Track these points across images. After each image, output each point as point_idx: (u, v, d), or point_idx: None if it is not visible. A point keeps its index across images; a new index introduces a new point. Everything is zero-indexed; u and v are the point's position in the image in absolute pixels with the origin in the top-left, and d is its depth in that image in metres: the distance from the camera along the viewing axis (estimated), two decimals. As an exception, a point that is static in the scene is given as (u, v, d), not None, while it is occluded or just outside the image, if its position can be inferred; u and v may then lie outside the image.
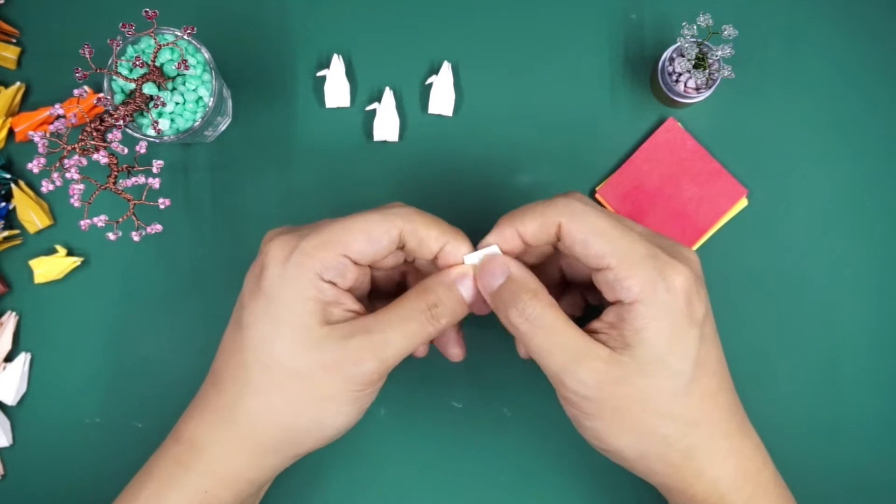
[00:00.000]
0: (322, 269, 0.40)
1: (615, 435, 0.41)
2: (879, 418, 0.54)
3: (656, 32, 0.56)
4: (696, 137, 0.55)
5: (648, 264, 0.39)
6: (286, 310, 0.40)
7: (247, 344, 0.40)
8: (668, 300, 0.39)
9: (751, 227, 0.55)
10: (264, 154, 0.56)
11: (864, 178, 0.55)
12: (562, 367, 0.40)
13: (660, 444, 0.41)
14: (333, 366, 0.40)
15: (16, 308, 0.55)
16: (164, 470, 0.43)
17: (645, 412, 0.40)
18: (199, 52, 0.49)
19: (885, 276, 0.55)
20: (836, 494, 0.54)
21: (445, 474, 0.54)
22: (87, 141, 0.46)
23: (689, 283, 0.40)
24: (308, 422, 0.41)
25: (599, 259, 0.40)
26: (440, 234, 0.42)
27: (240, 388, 0.41)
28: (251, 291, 0.41)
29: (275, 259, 0.40)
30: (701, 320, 0.40)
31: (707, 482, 0.42)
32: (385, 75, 0.56)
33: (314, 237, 0.40)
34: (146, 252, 0.55)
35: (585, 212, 0.41)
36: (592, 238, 0.40)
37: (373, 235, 0.41)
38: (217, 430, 0.42)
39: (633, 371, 0.39)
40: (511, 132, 0.56)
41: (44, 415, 0.55)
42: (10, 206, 0.55)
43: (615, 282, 0.40)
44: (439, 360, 0.51)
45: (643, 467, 0.42)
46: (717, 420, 0.41)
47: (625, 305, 0.40)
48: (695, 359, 0.40)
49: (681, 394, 0.40)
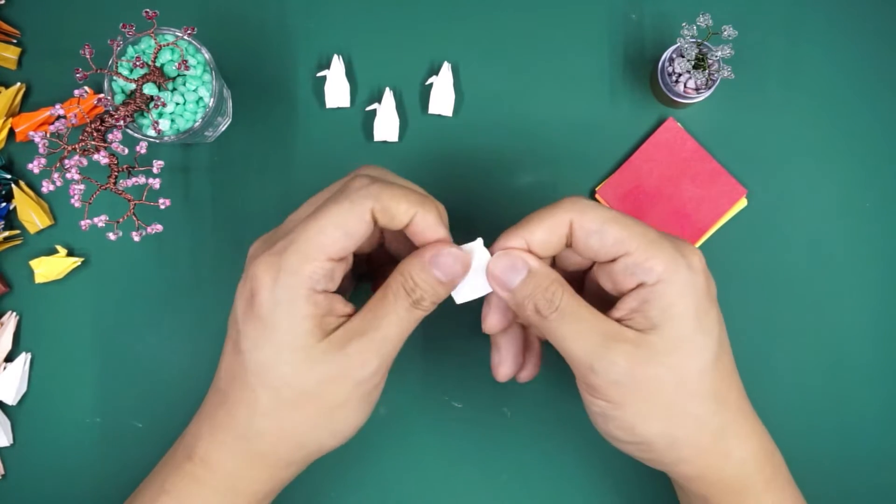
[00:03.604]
0: (312, 282, 0.39)
1: (647, 422, 0.40)
2: (881, 417, 0.54)
3: (656, 33, 0.56)
4: (696, 137, 0.55)
5: (668, 244, 0.40)
6: (285, 334, 0.39)
7: (250, 368, 0.40)
8: (690, 278, 0.40)
9: (751, 226, 0.55)
10: (264, 154, 0.56)
11: (864, 177, 0.55)
12: (591, 351, 0.40)
13: (691, 426, 0.41)
14: (340, 376, 0.40)
15: (16, 308, 0.55)
16: (180, 487, 0.42)
17: (676, 392, 0.40)
18: (200, 53, 0.49)
19: (886, 276, 0.55)
20: (837, 493, 0.54)
21: (445, 474, 0.54)
22: (87, 141, 0.46)
23: (704, 263, 0.41)
24: (323, 432, 0.41)
25: (619, 245, 0.40)
26: (409, 206, 0.41)
27: (250, 410, 0.40)
28: (245, 316, 0.40)
29: (263, 284, 0.39)
30: (715, 299, 0.41)
31: (735, 464, 0.42)
32: (385, 75, 0.56)
33: (294, 251, 0.39)
34: (146, 252, 0.55)
35: (593, 205, 0.41)
36: (608, 226, 0.40)
37: (349, 229, 0.39)
38: (232, 450, 0.41)
39: (662, 350, 0.39)
40: (511, 132, 0.56)
41: (44, 415, 0.55)
42: (10, 207, 0.55)
43: (635, 266, 0.40)
44: (439, 360, 0.51)
45: (672, 456, 0.42)
46: (738, 398, 0.42)
47: (647, 287, 0.40)
48: (718, 336, 0.41)
49: (709, 370, 0.40)
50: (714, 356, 0.40)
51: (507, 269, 0.41)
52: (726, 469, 0.42)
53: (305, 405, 0.40)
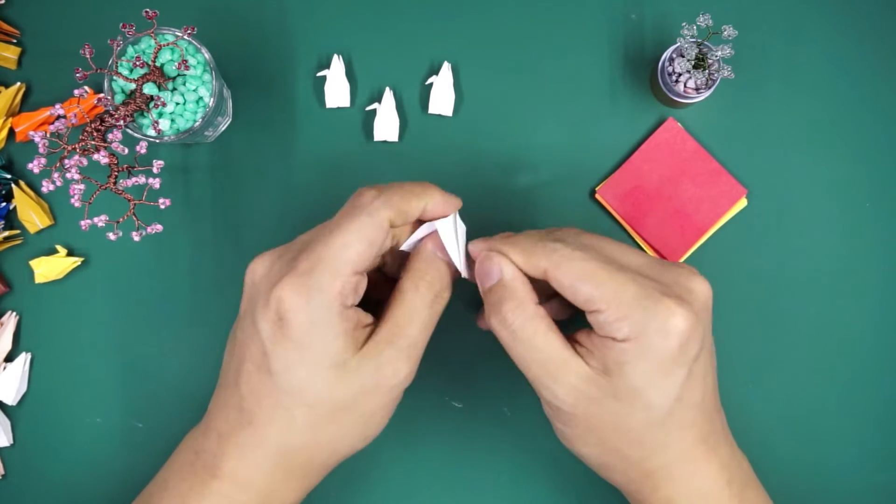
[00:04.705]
0: (342, 298, 0.39)
1: (581, 443, 0.42)
2: (881, 417, 0.54)
3: (656, 32, 0.56)
4: (696, 137, 0.55)
5: (640, 305, 0.39)
6: (321, 354, 0.39)
7: (283, 389, 0.40)
8: (658, 342, 0.39)
9: (751, 227, 0.55)
10: (264, 154, 0.56)
11: (864, 178, 0.55)
12: (538, 378, 0.41)
13: (622, 461, 0.42)
14: (375, 386, 0.41)
15: (16, 308, 0.55)
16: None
17: (615, 434, 0.40)
18: (200, 53, 0.49)
19: (885, 276, 0.55)
20: (838, 493, 0.54)
21: (445, 474, 0.54)
22: (87, 141, 0.46)
23: (686, 325, 0.39)
24: (357, 438, 0.42)
25: (588, 303, 0.40)
26: (417, 200, 0.42)
27: (285, 429, 0.41)
28: (275, 338, 0.39)
29: (295, 307, 0.39)
30: (692, 359, 0.40)
31: (661, 498, 0.42)
32: (385, 75, 0.56)
33: (323, 270, 0.39)
34: (146, 252, 0.55)
35: (571, 257, 0.40)
36: (579, 284, 0.40)
37: (372, 239, 0.40)
38: (264, 467, 0.41)
39: (608, 394, 0.40)
40: (511, 132, 0.56)
41: (44, 415, 0.55)
42: (10, 207, 0.55)
43: (605, 323, 0.39)
44: (439, 360, 0.51)
45: (603, 473, 0.44)
46: (684, 447, 0.41)
47: (612, 340, 0.39)
48: (675, 396, 0.40)
49: (654, 425, 0.40)
50: (664, 414, 0.40)
51: (485, 271, 0.43)
52: (652, 499, 0.43)
53: (342, 418, 0.41)
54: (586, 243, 0.42)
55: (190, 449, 0.44)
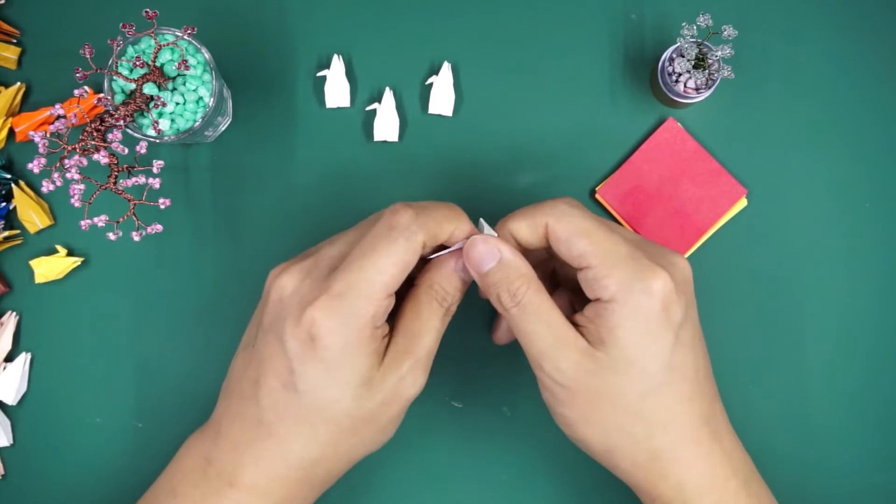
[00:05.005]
0: (374, 319, 0.40)
1: (583, 425, 0.42)
2: (881, 417, 0.54)
3: (656, 32, 0.56)
4: (696, 137, 0.55)
5: (627, 265, 0.40)
6: (351, 372, 0.40)
7: (309, 406, 0.40)
8: (642, 302, 0.40)
9: (751, 227, 0.55)
10: (264, 154, 0.56)
11: (864, 178, 0.55)
12: (542, 351, 0.41)
13: (626, 441, 0.42)
14: (395, 397, 0.41)
15: (16, 308, 0.55)
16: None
17: (614, 408, 0.41)
18: (200, 53, 0.49)
19: (886, 276, 0.55)
20: (838, 493, 0.54)
21: (445, 474, 0.54)
22: (87, 141, 0.46)
23: (667, 288, 0.40)
24: (373, 445, 0.43)
25: (581, 258, 0.41)
26: (449, 225, 0.43)
27: (307, 443, 0.41)
28: (304, 358, 0.40)
29: (328, 330, 0.39)
30: (678, 325, 0.41)
31: (671, 485, 0.42)
32: (385, 75, 0.56)
33: (357, 295, 0.39)
34: (146, 252, 0.55)
35: (570, 213, 0.42)
36: (575, 238, 0.41)
37: (409, 264, 0.41)
38: (284, 478, 0.42)
39: (605, 367, 0.40)
40: (511, 132, 0.56)
41: (44, 415, 0.55)
42: (10, 206, 0.55)
43: (594, 280, 0.41)
44: (439, 360, 0.50)
45: (609, 462, 0.43)
46: (686, 426, 0.42)
47: (602, 303, 0.41)
48: (667, 362, 0.40)
49: (650, 395, 0.41)
50: (659, 382, 0.40)
51: (482, 254, 0.43)
52: (660, 488, 0.42)
53: (363, 429, 0.42)
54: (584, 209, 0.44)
55: (198, 455, 0.44)
